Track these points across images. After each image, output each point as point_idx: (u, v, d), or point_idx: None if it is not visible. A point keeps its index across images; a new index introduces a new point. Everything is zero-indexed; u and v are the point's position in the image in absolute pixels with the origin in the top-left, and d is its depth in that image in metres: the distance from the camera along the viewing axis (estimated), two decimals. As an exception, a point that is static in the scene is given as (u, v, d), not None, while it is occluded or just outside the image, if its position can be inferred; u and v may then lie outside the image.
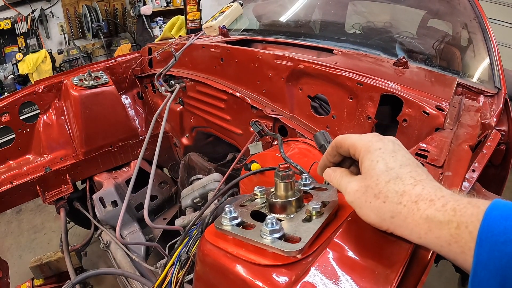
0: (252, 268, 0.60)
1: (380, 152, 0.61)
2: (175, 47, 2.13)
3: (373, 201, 0.58)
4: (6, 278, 2.18)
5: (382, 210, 0.57)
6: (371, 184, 0.59)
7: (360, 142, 0.64)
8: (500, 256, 0.43)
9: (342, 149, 0.68)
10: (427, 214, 0.51)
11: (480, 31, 1.92)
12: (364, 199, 0.60)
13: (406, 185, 0.56)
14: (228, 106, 1.92)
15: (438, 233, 0.50)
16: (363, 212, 0.60)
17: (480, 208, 0.47)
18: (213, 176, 1.90)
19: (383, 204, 0.57)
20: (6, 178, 2.22)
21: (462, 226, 0.47)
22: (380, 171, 0.59)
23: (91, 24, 6.12)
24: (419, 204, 0.53)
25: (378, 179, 0.58)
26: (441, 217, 0.50)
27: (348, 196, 0.64)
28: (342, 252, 0.59)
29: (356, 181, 0.63)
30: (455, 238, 0.48)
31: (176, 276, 0.88)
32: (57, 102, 2.42)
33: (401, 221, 0.55)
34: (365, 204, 0.59)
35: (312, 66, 1.44)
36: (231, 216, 0.67)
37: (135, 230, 2.35)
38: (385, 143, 0.62)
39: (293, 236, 0.62)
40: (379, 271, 0.56)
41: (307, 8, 2.59)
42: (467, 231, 0.47)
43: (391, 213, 0.56)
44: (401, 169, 0.58)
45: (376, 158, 0.60)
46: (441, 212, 0.50)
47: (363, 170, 0.62)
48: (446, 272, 2.84)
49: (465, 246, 0.47)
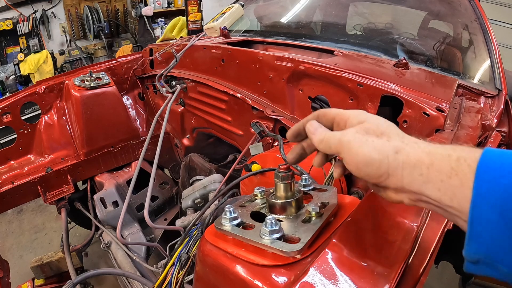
0: (251, 268, 0.60)
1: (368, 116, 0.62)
2: (176, 48, 2.13)
3: (376, 140, 0.58)
4: (7, 278, 2.18)
5: (386, 147, 0.56)
6: (371, 127, 0.59)
7: (349, 111, 0.65)
8: (498, 188, 0.45)
9: (325, 117, 0.68)
10: (429, 149, 0.54)
11: (481, 32, 1.92)
12: (365, 138, 0.58)
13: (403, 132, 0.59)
14: (229, 107, 1.92)
15: (439, 165, 0.51)
16: (364, 149, 0.57)
17: (475, 148, 0.50)
18: (214, 177, 1.90)
19: (387, 142, 0.57)
20: (8, 178, 2.22)
21: (461, 159, 0.49)
22: (378, 119, 0.61)
23: (93, 24, 6.13)
24: (419, 143, 0.56)
25: (378, 123, 0.60)
26: (442, 151, 0.52)
27: (345, 136, 0.60)
28: (341, 252, 0.59)
29: (353, 128, 0.61)
30: (455, 170, 0.49)
31: (176, 276, 0.88)
32: (59, 103, 2.43)
33: (405, 156, 0.55)
34: (367, 142, 0.58)
35: (313, 67, 1.44)
36: (231, 216, 0.67)
37: (135, 230, 2.35)
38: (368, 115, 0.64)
39: (293, 237, 0.62)
40: (377, 272, 0.56)
41: (308, 9, 2.59)
42: (466, 164, 0.49)
43: (395, 148, 0.56)
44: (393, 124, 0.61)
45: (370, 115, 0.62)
46: (440, 148, 0.53)
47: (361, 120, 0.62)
48: (446, 274, 2.83)
49: (464, 178, 0.48)
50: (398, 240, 0.62)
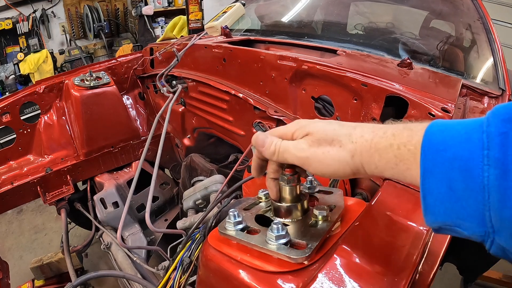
0: (257, 275, 0.58)
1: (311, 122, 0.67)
2: (177, 47, 2.12)
3: (331, 150, 0.61)
4: (6, 279, 2.16)
5: (342, 154, 0.60)
6: (321, 136, 0.63)
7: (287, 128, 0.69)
8: (442, 162, 0.47)
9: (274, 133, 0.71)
10: (375, 143, 0.57)
11: (484, 32, 1.91)
12: (321, 151, 0.62)
13: (348, 128, 0.62)
14: (230, 107, 1.91)
15: (386, 157, 0.55)
16: (324, 163, 0.62)
17: (413, 130, 0.53)
18: (215, 177, 1.88)
19: (340, 149, 0.61)
20: (7, 178, 2.20)
21: (402, 146, 0.53)
22: (323, 125, 0.64)
23: (93, 24, 6.12)
24: (365, 136, 0.59)
25: (325, 130, 0.63)
26: (384, 142, 0.56)
27: (302, 153, 0.64)
28: (349, 258, 0.57)
29: (305, 139, 0.65)
30: (399, 158, 0.54)
31: (179, 280, 0.86)
32: (58, 103, 2.41)
33: (360, 156, 0.59)
34: (324, 155, 0.62)
35: (316, 67, 1.43)
36: (235, 220, 0.65)
37: (136, 231, 2.33)
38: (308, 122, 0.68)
39: (299, 242, 0.60)
40: (387, 278, 0.54)
41: (309, 8, 2.58)
42: (406, 149, 0.53)
43: (350, 153, 0.60)
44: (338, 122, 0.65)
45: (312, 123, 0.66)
46: (383, 138, 0.56)
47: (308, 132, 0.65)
48: (448, 274, 2.82)
49: (407, 162, 0.52)
50: (407, 245, 0.60)
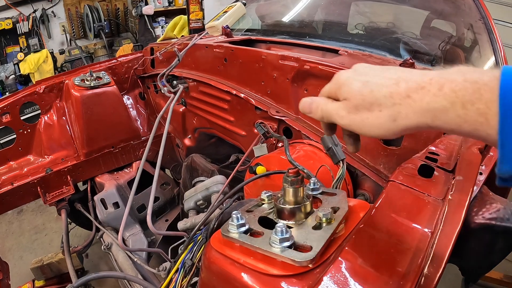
0: (261, 278, 0.57)
1: (350, 78, 0.61)
2: (178, 47, 2.11)
3: (370, 115, 0.57)
4: (6, 279, 2.16)
5: (382, 119, 0.56)
6: (358, 102, 0.58)
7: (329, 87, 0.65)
8: None
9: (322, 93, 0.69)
10: (427, 102, 0.50)
11: (486, 32, 1.90)
12: (359, 118, 0.58)
13: (389, 86, 0.55)
14: (231, 107, 1.90)
15: (445, 118, 0.49)
16: (365, 130, 0.59)
17: (478, 83, 0.46)
18: (217, 178, 1.88)
19: (380, 113, 0.56)
20: (7, 179, 2.20)
21: (468, 105, 0.47)
22: (359, 88, 0.59)
23: (93, 24, 6.11)
24: (413, 96, 0.52)
25: (361, 94, 0.58)
26: (442, 101, 0.49)
27: (342, 120, 0.62)
28: (354, 261, 0.57)
29: (344, 104, 0.61)
30: (463, 118, 0.47)
31: (181, 283, 0.85)
32: (58, 103, 2.40)
33: (405, 120, 0.53)
34: (363, 122, 0.58)
35: (318, 67, 1.42)
36: (238, 223, 0.64)
37: (137, 232, 2.33)
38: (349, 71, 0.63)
39: (304, 245, 0.59)
40: (393, 282, 0.53)
41: (310, 8, 2.57)
42: (474, 108, 0.46)
43: (391, 117, 0.55)
44: (376, 77, 0.58)
45: (350, 83, 0.60)
46: (440, 96, 0.49)
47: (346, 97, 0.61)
48: (450, 275, 2.82)
49: (475, 123, 0.47)
50: (412, 247, 0.60)
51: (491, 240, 0.83)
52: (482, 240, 0.85)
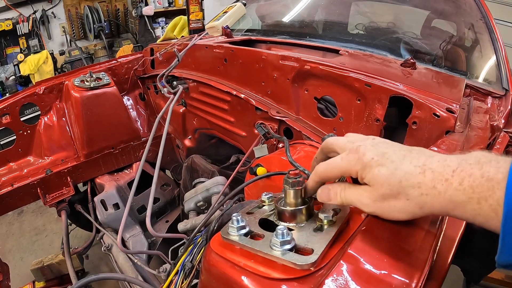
0: (261, 282, 0.57)
1: (374, 161, 0.61)
2: (178, 47, 2.10)
3: (397, 203, 0.59)
4: (7, 280, 2.15)
5: (409, 207, 0.58)
6: (385, 191, 0.59)
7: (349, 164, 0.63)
8: None
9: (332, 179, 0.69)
10: (450, 195, 0.54)
11: (487, 31, 1.89)
12: (387, 205, 0.60)
13: (416, 176, 0.57)
14: (231, 108, 1.89)
15: (462, 210, 0.53)
16: (392, 215, 0.61)
17: (493, 180, 0.50)
18: (217, 179, 1.87)
19: (408, 202, 0.58)
20: (7, 180, 2.19)
21: (482, 201, 0.51)
22: (387, 177, 0.59)
23: (93, 24, 6.12)
24: (438, 187, 0.55)
25: (389, 184, 0.59)
26: (462, 196, 0.53)
27: (367, 208, 0.63)
28: (357, 264, 0.56)
29: (368, 192, 0.62)
30: (477, 212, 0.52)
31: (180, 285, 0.85)
32: (58, 104, 2.40)
33: (430, 207, 0.57)
34: (390, 209, 0.60)
35: (319, 67, 1.41)
36: (238, 225, 0.63)
37: (137, 233, 2.32)
38: (371, 150, 0.62)
39: (305, 247, 0.58)
40: (396, 284, 0.53)
41: (311, 8, 2.56)
42: (487, 204, 0.50)
43: (418, 205, 0.57)
44: (403, 165, 0.59)
45: (375, 168, 0.60)
46: (460, 191, 0.53)
47: (370, 183, 0.61)
48: (452, 275, 2.81)
49: (487, 217, 0.51)
50: (415, 249, 0.59)
51: (493, 241, 0.83)
52: (484, 240, 0.84)
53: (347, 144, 0.66)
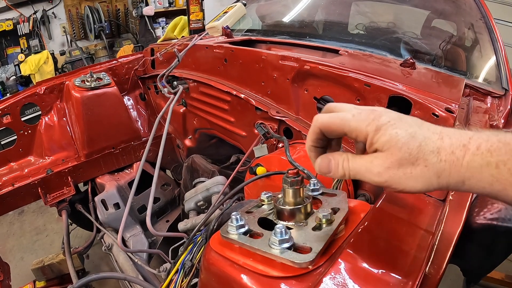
0: (260, 280, 0.57)
1: (391, 124, 0.56)
2: (178, 47, 2.11)
3: (414, 170, 0.55)
4: (7, 280, 2.16)
5: (427, 174, 0.55)
6: (403, 156, 0.55)
7: (362, 124, 0.58)
8: None
9: (334, 133, 0.62)
10: (467, 161, 0.52)
11: (487, 31, 1.90)
12: (402, 173, 0.55)
13: (435, 141, 0.54)
14: (232, 108, 1.90)
15: (479, 176, 0.51)
16: (405, 185, 0.56)
17: (511, 144, 0.50)
18: (217, 179, 1.87)
19: (426, 169, 0.54)
20: (8, 180, 2.20)
21: (501, 165, 0.49)
22: (407, 139, 0.55)
23: (93, 25, 6.12)
24: (456, 153, 0.53)
25: (409, 147, 0.55)
26: (480, 160, 0.51)
27: (379, 177, 0.57)
28: (354, 262, 0.56)
29: (380, 159, 0.57)
30: (496, 177, 0.50)
31: (180, 284, 0.85)
32: (59, 104, 2.40)
33: (447, 177, 0.54)
34: (406, 176, 0.55)
35: (318, 67, 1.41)
36: (237, 224, 0.64)
37: (137, 232, 2.33)
38: (387, 113, 0.58)
39: (303, 246, 0.59)
40: (393, 283, 0.53)
41: (311, 8, 2.56)
42: (506, 168, 0.49)
43: (436, 173, 0.54)
44: (422, 130, 0.56)
45: (392, 130, 0.56)
46: (478, 155, 0.51)
47: (385, 147, 0.56)
48: (451, 275, 2.81)
49: (505, 182, 0.49)
50: (413, 248, 0.59)
51: (492, 240, 0.83)
52: (483, 240, 0.84)
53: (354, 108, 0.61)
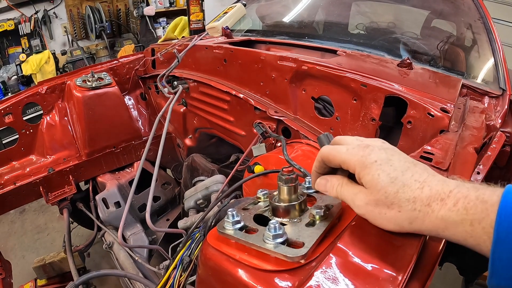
0: (254, 273, 0.59)
1: (377, 165, 0.60)
2: (178, 48, 2.12)
3: (388, 212, 0.59)
4: (9, 278, 2.18)
5: (399, 219, 0.59)
6: (380, 198, 0.59)
7: (352, 158, 0.63)
8: None
9: (332, 163, 0.68)
10: (442, 215, 0.54)
11: (485, 31, 1.91)
12: (377, 212, 0.60)
13: (414, 190, 0.58)
14: (231, 107, 1.92)
15: (454, 230, 0.53)
16: (379, 222, 0.61)
17: (488, 203, 0.51)
18: (216, 177, 1.89)
19: (399, 214, 0.58)
20: (10, 178, 2.22)
21: (475, 223, 0.51)
22: (385, 184, 0.59)
23: (95, 25, 6.14)
24: (432, 206, 0.55)
25: (386, 191, 0.59)
26: (455, 217, 0.53)
27: (358, 210, 0.64)
28: (346, 257, 0.58)
29: (363, 194, 0.62)
30: (470, 234, 0.52)
31: (179, 279, 0.87)
32: (60, 103, 2.42)
33: (420, 224, 0.57)
34: (380, 216, 0.60)
35: (316, 68, 1.43)
36: (233, 220, 0.66)
37: (138, 231, 2.34)
38: (377, 153, 0.62)
39: (296, 241, 0.61)
40: (383, 277, 0.55)
41: (311, 8, 2.58)
42: (480, 227, 0.50)
43: (408, 220, 0.58)
44: (404, 176, 0.59)
45: (375, 171, 0.60)
46: (454, 212, 0.53)
47: (367, 185, 0.61)
48: (450, 275, 2.82)
49: (479, 239, 0.51)
50: (404, 244, 0.61)
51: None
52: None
53: (355, 141, 0.67)
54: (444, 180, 0.58)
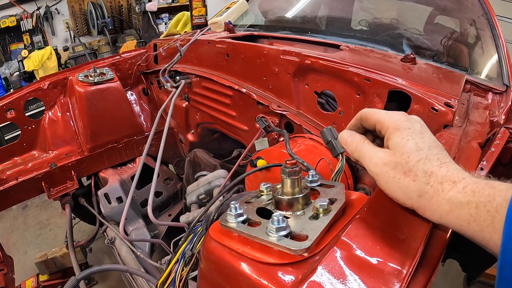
0: (257, 267, 0.58)
1: (409, 132, 0.62)
2: (181, 43, 2.12)
3: (402, 178, 0.59)
4: (11, 273, 2.18)
5: (410, 189, 0.59)
6: (401, 161, 0.60)
7: (388, 119, 0.65)
8: None
9: (367, 122, 0.70)
10: (450, 196, 0.54)
11: (489, 27, 1.89)
12: (392, 175, 0.61)
13: (433, 166, 0.58)
14: (233, 102, 1.91)
15: (458, 213, 0.53)
16: (389, 186, 0.61)
17: (496, 188, 0.50)
18: (219, 172, 1.89)
19: (412, 183, 0.58)
20: (12, 174, 2.22)
21: (481, 206, 0.50)
22: (411, 150, 0.60)
23: (97, 20, 6.13)
24: (444, 185, 0.56)
25: (408, 157, 0.59)
26: (461, 198, 0.53)
27: (374, 167, 0.64)
28: (350, 250, 0.57)
29: (384, 153, 0.63)
30: (474, 217, 0.51)
31: (180, 273, 0.87)
32: (63, 99, 2.42)
33: (427, 200, 0.57)
34: (393, 180, 0.60)
35: (319, 62, 1.42)
36: (236, 213, 0.65)
37: (140, 226, 2.34)
38: (413, 123, 0.64)
39: (300, 234, 0.60)
40: (388, 271, 0.54)
41: (313, 3, 2.57)
42: (485, 210, 0.50)
43: (418, 192, 0.58)
44: (430, 151, 0.60)
45: (406, 136, 0.61)
46: (461, 193, 0.53)
47: (392, 146, 0.62)
48: (452, 271, 2.82)
49: (482, 223, 0.50)
50: (409, 238, 0.60)
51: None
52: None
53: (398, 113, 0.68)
54: (461, 169, 0.58)
